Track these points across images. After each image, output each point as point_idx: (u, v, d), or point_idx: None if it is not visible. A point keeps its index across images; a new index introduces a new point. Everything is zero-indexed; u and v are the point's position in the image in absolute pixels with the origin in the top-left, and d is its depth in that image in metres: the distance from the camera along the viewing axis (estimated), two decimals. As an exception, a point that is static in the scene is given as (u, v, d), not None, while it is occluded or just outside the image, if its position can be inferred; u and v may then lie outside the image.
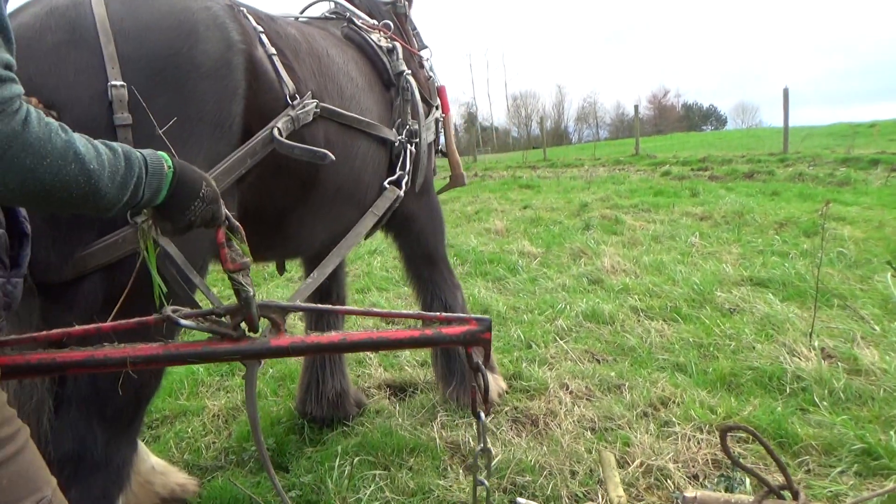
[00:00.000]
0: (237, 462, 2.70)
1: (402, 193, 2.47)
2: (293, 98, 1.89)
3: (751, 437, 2.64)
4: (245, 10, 1.89)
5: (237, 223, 1.34)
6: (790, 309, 4.04)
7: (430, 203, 2.90)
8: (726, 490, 1.96)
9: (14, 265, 0.97)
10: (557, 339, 3.89)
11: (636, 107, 21.08)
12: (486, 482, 1.54)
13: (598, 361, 3.57)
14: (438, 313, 1.49)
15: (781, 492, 1.65)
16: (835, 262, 5.08)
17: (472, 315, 1.50)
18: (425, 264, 2.90)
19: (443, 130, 2.98)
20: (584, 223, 7.58)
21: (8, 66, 0.80)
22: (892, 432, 2.56)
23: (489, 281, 5.37)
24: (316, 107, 1.97)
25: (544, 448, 2.63)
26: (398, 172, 2.46)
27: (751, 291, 4.48)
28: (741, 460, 2.49)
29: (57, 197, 0.86)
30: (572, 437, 2.71)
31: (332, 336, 1.41)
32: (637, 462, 2.48)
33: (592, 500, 2.29)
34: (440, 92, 2.89)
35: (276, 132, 1.78)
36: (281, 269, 2.73)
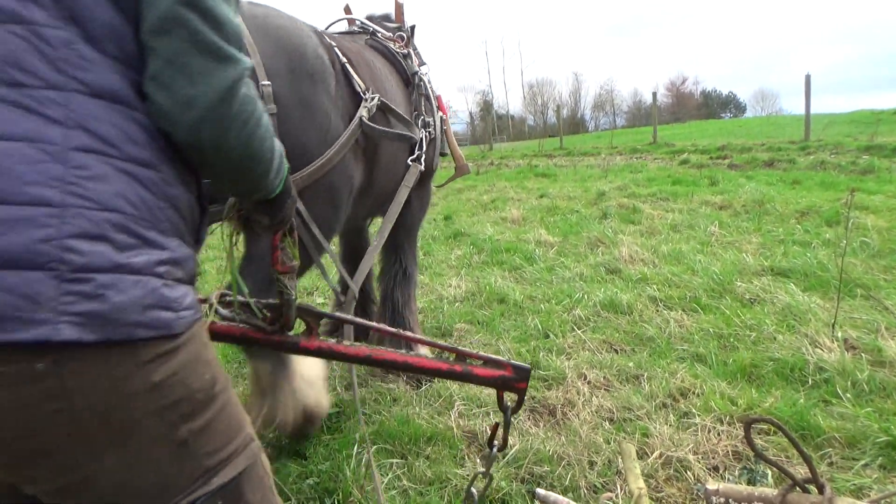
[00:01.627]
0: (255, 449, 2.71)
1: (422, 168, 2.96)
2: (364, 93, 2.42)
3: (773, 429, 2.62)
4: (321, 31, 2.52)
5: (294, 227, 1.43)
6: (812, 299, 3.97)
7: (426, 189, 3.40)
8: (749, 483, 1.94)
9: (197, 240, 1.06)
10: (575, 328, 3.87)
11: (654, 94, 20.74)
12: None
13: (617, 351, 3.54)
14: (478, 352, 1.54)
15: (806, 485, 1.63)
16: (858, 251, 4.99)
17: (512, 361, 1.57)
18: (404, 235, 3.35)
19: (443, 131, 3.45)
20: (602, 212, 7.51)
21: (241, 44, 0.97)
22: (917, 425, 2.52)
23: (506, 270, 5.34)
24: (378, 100, 2.48)
25: (562, 438, 2.61)
26: (416, 152, 2.94)
27: (772, 281, 4.42)
28: (763, 453, 2.47)
29: (248, 167, 1.01)
30: (590, 427, 2.69)
31: (359, 349, 1.49)
32: (656, 453, 2.46)
33: (611, 491, 2.27)
34: (437, 100, 3.36)
35: (364, 117, 2.35)
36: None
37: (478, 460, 2.46)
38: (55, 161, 0.79)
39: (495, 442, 1.67)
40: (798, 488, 1.63)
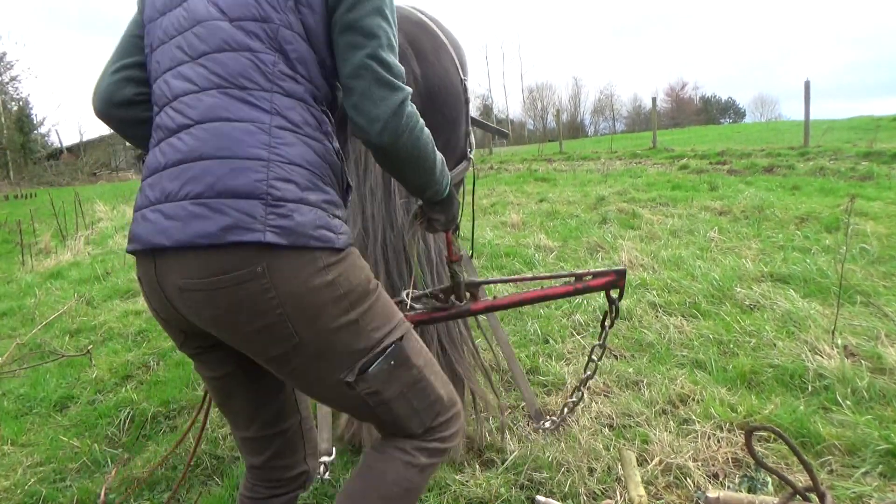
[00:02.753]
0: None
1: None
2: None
3: (773, 436, 2.61)
4: None
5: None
6: (812, 306, 3.97)
7: None
8: (749, 491, 1.93)
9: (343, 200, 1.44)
10: (574, 333, 3.86)
11: (654, 99, 20.74)
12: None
13: (616, 357, 3.54)
14: (587, 270, 2.10)
15: (807, 493, 1.62)
16: (857, 258, 4.99)
17: (612, 268, 2.10)
18: None
19: None
20: (601, 217, 7.51)
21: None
22: (917, 433, 2.52)
23: (505, 275, 5.34)
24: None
25: (562, 444, 2.60)
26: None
27: (771, 287, 4.42)
28: (763, 460, 2.46)
29: (417, 164, 1.39)
30: (590, 433, 2.68)
31: (511, 297, 2.06)
32: (656, 460, 2.45)
33: (611, 498, 2.27)
34: None
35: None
36: None
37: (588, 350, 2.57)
38: (264, 133, 1.23)
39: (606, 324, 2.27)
40: (799, 496, 1.63)
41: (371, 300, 1.32)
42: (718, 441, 2.57)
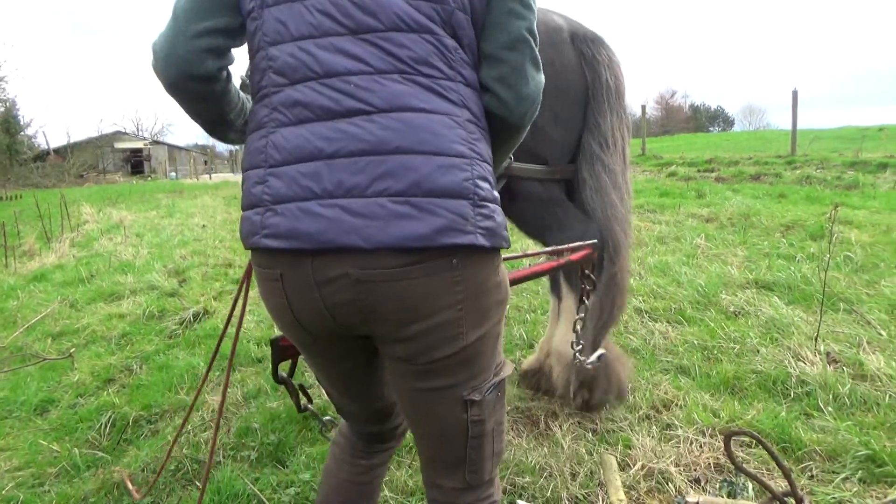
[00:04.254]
0: (235, 458, 2.69)
1: None
2: None
3: (754, 441, 2.62)
4: None
5: None
6: (795, 313, 4.00)
7: None
8: (729, 495, 1.94)
9: None
10: (560, 339, 3.86)
11: (643, 107, 20.88)
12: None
13: (601, 362, 3.54)
14: (567, 245, 2.13)
15: (785, 498, 1.63)
16: (841, 265, 5.04)
17: (587, 242, 2.16)
18: None
19: None
20: (589, 223, 7.52)
21: None
22: (897, 439, 2.54)
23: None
24: None
25: (545, 449, 2.60)
26: None
27: (756, 294, 4.45)
28: (744, 465, 2.47)
29: (518, 143, 1.39)
30: (573, 438, 2.69)
31: (522, 271, 2.07)
32: (638, 465, 2.46)
33: (593, 503, 2.27)
34: None
35: None
36: None
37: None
38: (461, 128, 1.17)
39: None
40: (777, 501, 1.63)
41: (502, 318, 1.28)
42: (701, 446, 2.58)
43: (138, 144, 50.76)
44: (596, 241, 2.13)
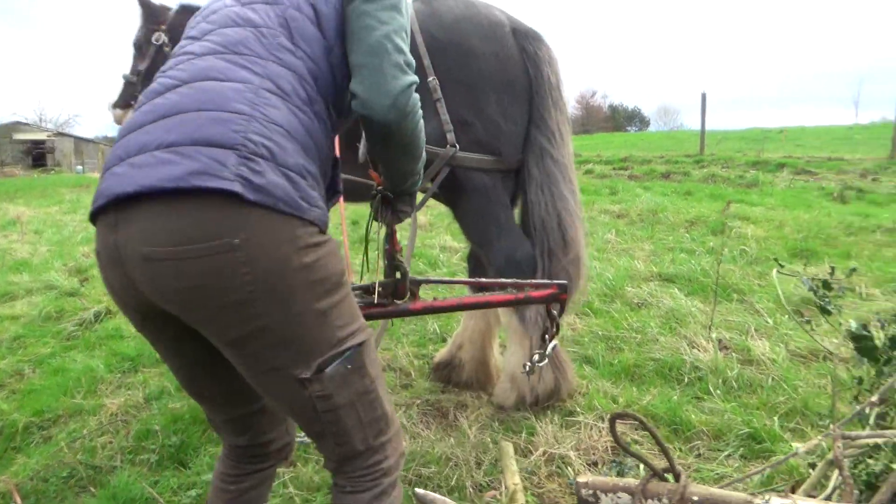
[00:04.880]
0: (134, 461, 2.60)
1: None
2: None
3: (654, 424, 2.76)
4: None
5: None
6: (693, 303, 4.23)
7: None
8: (618, 475, 2.04)
9: (331, 188, 1.46)
10: (473, 332, 3.93)
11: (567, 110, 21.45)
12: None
13: (511, 354, 3.62)
14: (531, 281, 2.01)
15: (666, 474, 1.73)
16: (737, 258, 5.36)
17: (554, 281, 2.01)
18: None
19: None
20: (507, 219, 7.67)
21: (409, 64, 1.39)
22: (775, 417, 2.73)
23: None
24: None
25: (451, 440, 2.65)
26: None
27: (658, 286, 4.67)
28: (638, 447, 2.60)
29: (411, 152, 1.46)
30: (479, 428, 2.75)
31: (449, 300, 1.98)
32: (540, 451, 2.54)
33: (496, 489, 2.33)
34: None
35: None
36: None
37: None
38: (251, 93, 1.24)
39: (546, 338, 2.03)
40: (658, 477, 1.73)
41: (342, 294, 1.29)
42: (600, 431, 2.70)
43: (41, 136, 47.70)
44: (565, 282, 2.00)
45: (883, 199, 8.34)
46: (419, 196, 2.55)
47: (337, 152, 1.52)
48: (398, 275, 1.78)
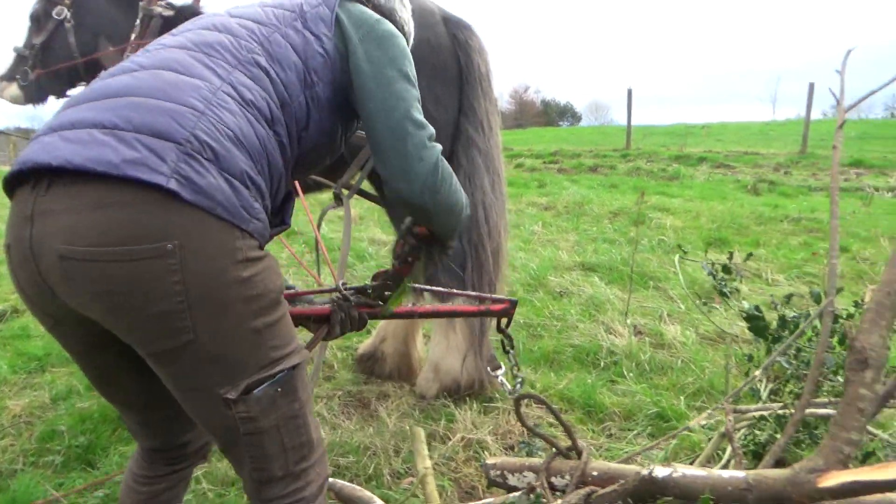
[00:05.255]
0: (37, 464, 2.49)
1: None
2: None
3: (567, 406, 2.85)
4: None
5: None
6: (612, 291, 4.38)
7: None
8: (528, 455, 2.09)
9: (278, 214, 1.41)
10: (398, 323, 3.94)
11: (495, 100, 21.69)
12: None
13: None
14: (491, 295, 2.13)
15: (568, 452, 1.80)
16: (655, 248, 5.57)
17: (508, 298, 2.07)
18: None
19: None
20: (438, 212, 7.72)
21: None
22: (682, 397, 2.87)
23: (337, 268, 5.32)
24: None
25: (371, 429, 2.66)
26: None
27: (580, 276, 4.81)
28: (553, 430, 2.68)
29: (451, 213, 1.44)
30: (399, 416, 2.77)
31: (426, 308, 2.06)
32: (458, 437, 2.58)
33: (413, 476, 2.35)
34: None
35: None
36: None
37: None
38: (209, 91, 1.19)
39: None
40: (562, 456, 1.80)
41: (279, 313, 1.23)
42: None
43: (-55, 128, 44.69)
44: (516, 299, 2.06)
45: (792, 191, 8.84)
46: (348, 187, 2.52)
47: (299, 189, 1.48)
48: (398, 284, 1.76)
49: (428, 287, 2.30)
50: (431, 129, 1.37)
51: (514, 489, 1.76)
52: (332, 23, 1.39)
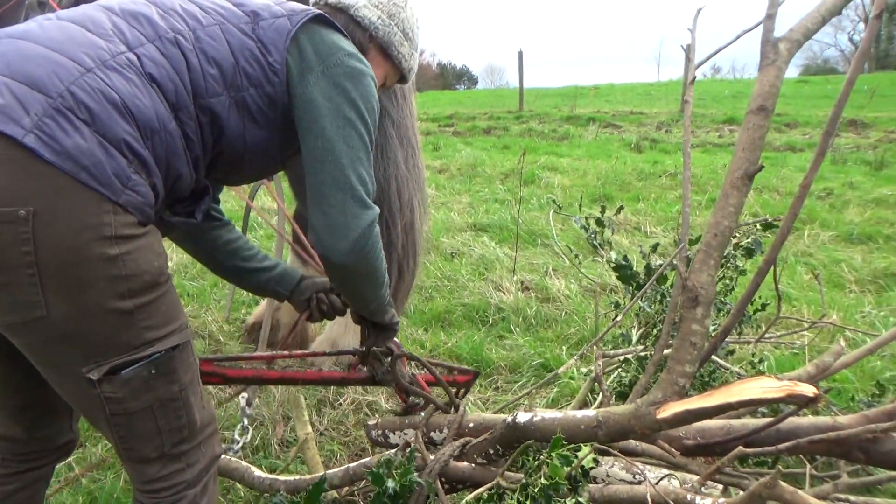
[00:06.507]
0: None
1: None
2: None
3: (458, 363, 2.92)
4: None
5: None
6: (502, 250, 4.49)
7: None
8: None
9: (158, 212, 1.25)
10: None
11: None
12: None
13: (326, 311, 3.63)
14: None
15: (447, 407, 1.85)
16: (545, 206, 5.74)
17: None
18: None
19: None
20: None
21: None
22: (565, 347, 3.01)
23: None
24: None
25: (257, 400, 2.61)
26: None
27: (472, 236, 4.90)
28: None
29: (373, 280, 1.42)
30: (288, 386, 2.74)
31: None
32: (349, 400, 2.60)
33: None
34: None
35: None
36: None
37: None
38: (108, 54, 1.11)
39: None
40: (441, 411, 1.84)
41: (156, 294, 1.14)
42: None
43: None
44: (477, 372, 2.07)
45: (671, 148, 9.33)
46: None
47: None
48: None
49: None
50: (372, 187, 1.32)
51: (397, 447, 1.80)
52: (287, 38, 1.29)
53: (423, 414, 1.85)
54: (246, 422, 2.21)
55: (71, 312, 1.05)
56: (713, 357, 2.09)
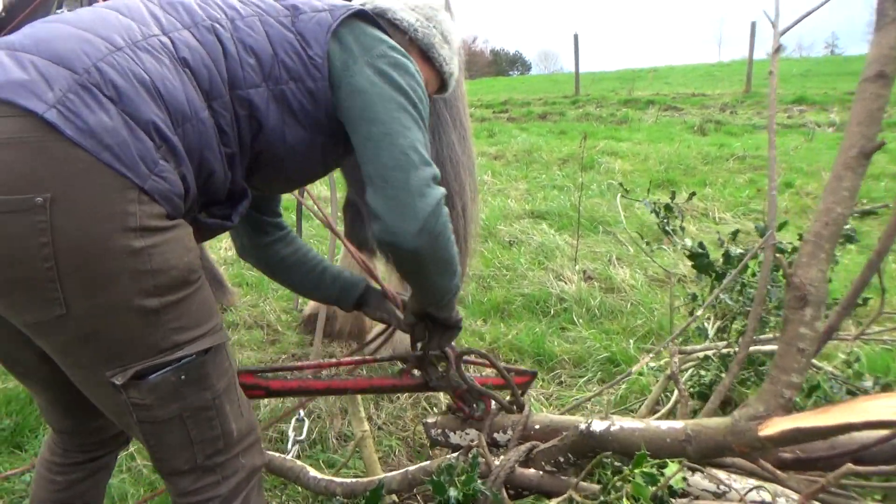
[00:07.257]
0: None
1: None
2: None
3: (518, 356, 2.81)
4: None
5: None
6: (562, 238, 4.34)
7: None
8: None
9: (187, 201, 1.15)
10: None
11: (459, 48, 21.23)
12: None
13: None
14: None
15: (511, 406, 1.74)
16: (605, 192, 5.54)
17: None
18: None
19: None
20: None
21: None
22: (631, 341, 2.86)
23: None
24: None
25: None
26: None
27: (530, 224, 4.75)
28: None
29: (446, 267, 1.31)
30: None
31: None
32: (407, 394, 2.52)
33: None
34: None
35: None
36: None
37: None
38: (140, 35, 1.07)
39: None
40: (505, 410, 1.74)
41: (185, 292, 1.06)
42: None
43: None
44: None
45: (737, 130, 8.90)
46: None
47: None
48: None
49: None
50: (437, 170, 1.22)
51: (458, 447, 1.70)
52: (328, 31, 1.23)
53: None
54: (302, 413, 2.17)
55: (92, 310, 0.98)
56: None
